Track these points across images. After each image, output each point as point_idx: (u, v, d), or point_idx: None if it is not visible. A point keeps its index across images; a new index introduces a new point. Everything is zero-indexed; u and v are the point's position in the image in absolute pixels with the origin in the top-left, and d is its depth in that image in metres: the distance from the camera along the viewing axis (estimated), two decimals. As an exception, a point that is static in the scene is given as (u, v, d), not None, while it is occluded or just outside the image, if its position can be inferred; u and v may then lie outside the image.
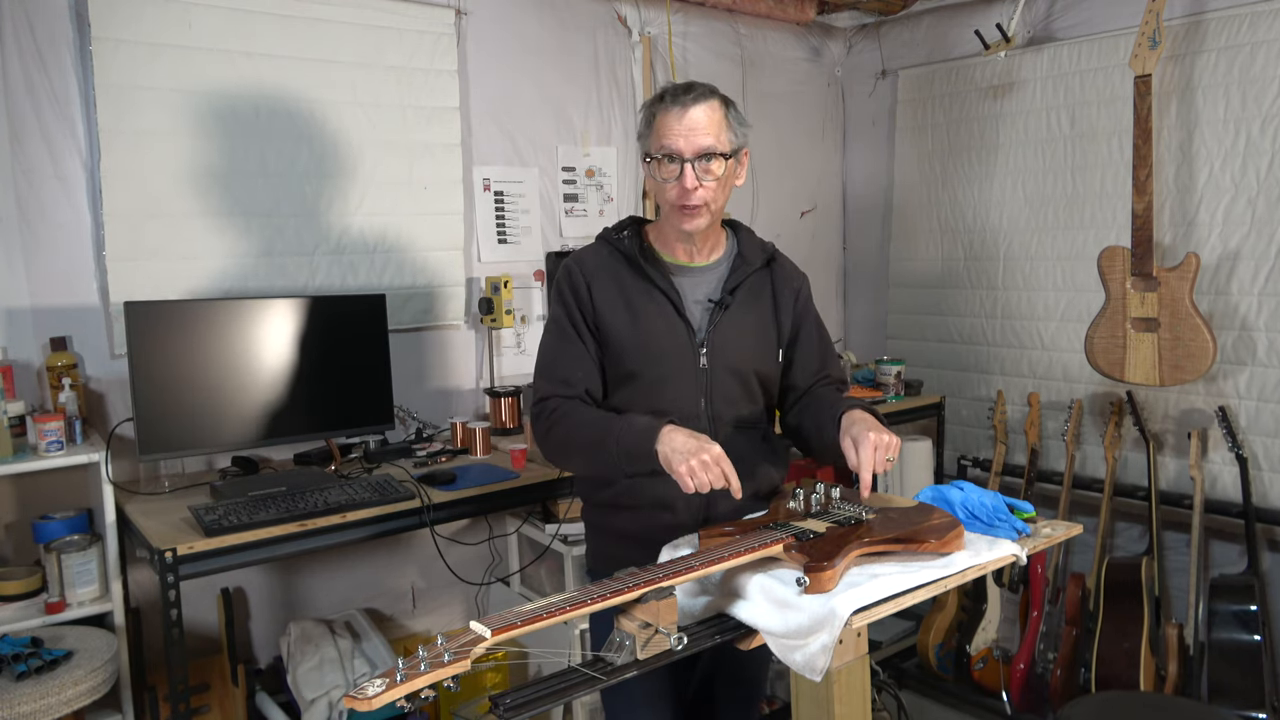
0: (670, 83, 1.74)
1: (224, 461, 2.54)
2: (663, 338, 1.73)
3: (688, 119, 1.64)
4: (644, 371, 1.73)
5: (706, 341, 1.74)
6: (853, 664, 1.43)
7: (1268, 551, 2.90)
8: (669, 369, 1.73)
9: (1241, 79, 2.85)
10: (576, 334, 1.76)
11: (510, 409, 2.88)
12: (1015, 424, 3.48)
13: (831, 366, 1.91)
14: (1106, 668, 2.87)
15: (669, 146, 1.65)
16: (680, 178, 1.65)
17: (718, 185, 1.67)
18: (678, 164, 1.65)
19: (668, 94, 1.68)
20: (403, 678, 1.01)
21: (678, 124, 1.64)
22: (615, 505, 1.78)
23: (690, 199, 1.66)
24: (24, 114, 2.29)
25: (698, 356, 1.74)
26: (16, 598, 2.14)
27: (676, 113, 1.65)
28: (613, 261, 1.78)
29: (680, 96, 1.66)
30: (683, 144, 1.64)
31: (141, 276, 2.43)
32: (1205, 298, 2.94)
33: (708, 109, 1.66)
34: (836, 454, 1.69)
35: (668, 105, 1.66)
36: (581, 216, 3.28)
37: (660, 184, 1.69)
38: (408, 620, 2.97)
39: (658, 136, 1.67)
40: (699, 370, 1.74)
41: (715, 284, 1.79)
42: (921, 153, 3.78)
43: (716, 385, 1.75)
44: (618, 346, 1.74)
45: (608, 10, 3.31)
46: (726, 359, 1.75)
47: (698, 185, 1.65)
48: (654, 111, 1.69)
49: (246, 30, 2.55)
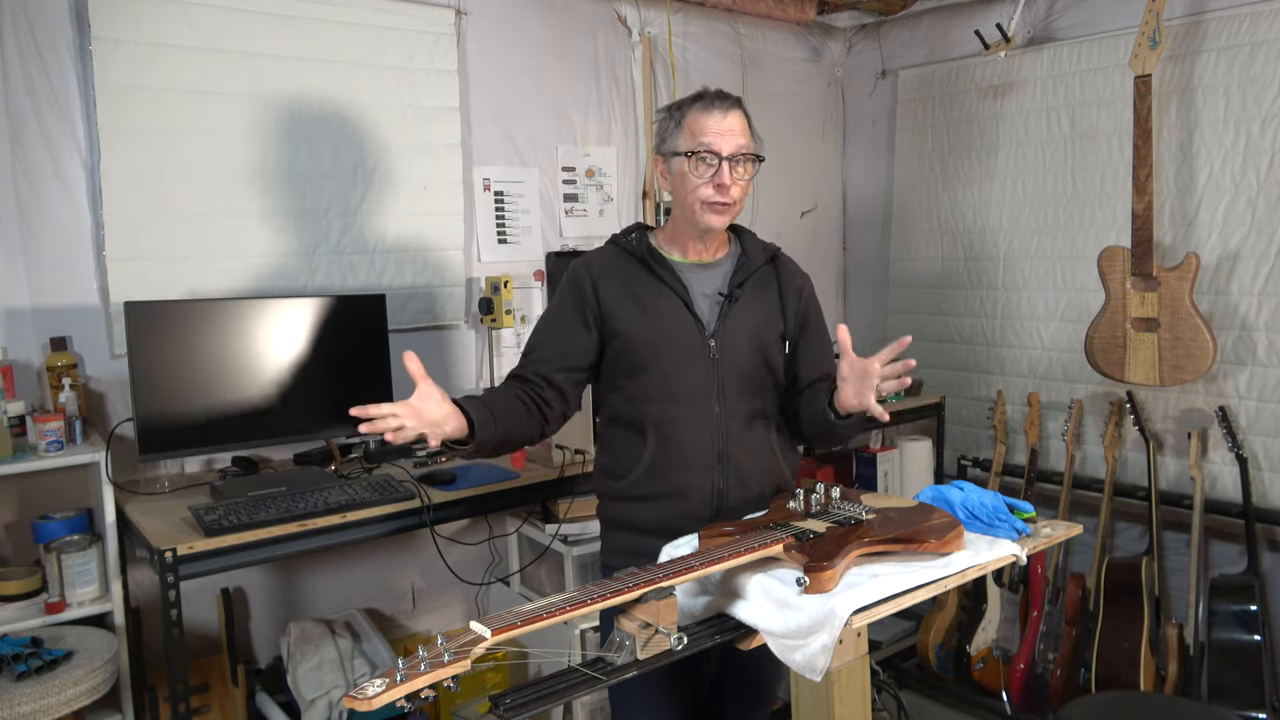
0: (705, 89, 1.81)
1: (224, 461, 2.54)
2: (672, 330, 1.78)
3: (728, 121, 1.74)
4: (655, 363, 1.78)
5: (716, 334, 1.79)
6: (853, 664, 1.43)
7: (1268, 551, 2.90)
8: (680, 361, 1.78)
9: (1241, 79, 2.85)
10: (561, 319, 1.83)
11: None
12: (1015, 424, 3.48)
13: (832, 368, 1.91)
14: (1106, 668, 2.87)
15: (709, 144, 1.72)
16: (717, 174, 1.73)
17: (746, 186, 1.78)
18: (715, 162, 1.73)
19: (705, 97, 1.77)
20: (403, 678, 1.01)
21: (719, 125, 1.73)
22: (630, 497, 1.81)
23: (726, 195, 1.73)
24: (24, 114, 2.29)
25: (708, 348, 1.78)
26: (16, 598, 2.14)
27: (718, 115, 1.74)
28: (621, 261, 1.84)
29: (720, 100, 1.76)
30: (722, 143, 1.72)
31: (142, 276, 2.43)
32: (1205, 298, 2.94)
33: (741, 117, 1.77)
34: (825, 423, 1.73)
35: (706, 107, 1.75)
36: (581, 216, 3.28)
37: (692, 182, 1.75)
38: (408, 620, 2.97)
39: (693, 135, 1.74)
40: (710, 361, 1.78)
41: (722, 279, 1.85)
42: (921, 153, 3.78)
43: (727, 376, 1.79)
44: (627, 339, 1.78)
45: (608, 10, 3.31)
46: (736, 350, 1.80)
47: (733, 182, 1.73)
48: (685, 113, 1.77)
49: (246, 30, 2.55)
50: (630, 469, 1.81)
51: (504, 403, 1.73)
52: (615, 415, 1.85)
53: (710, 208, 1.75)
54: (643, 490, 1.80)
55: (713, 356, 1.79)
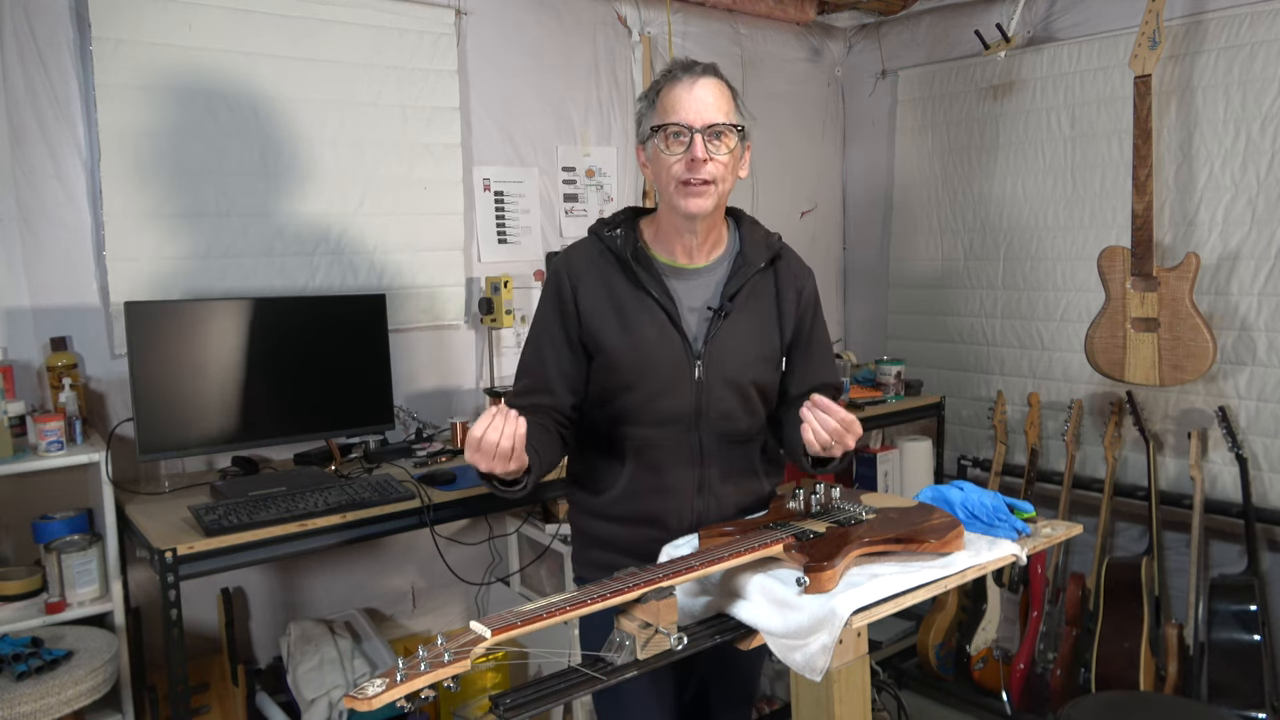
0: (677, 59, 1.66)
1: (224, 461, 2.54)
2: (655, 350, 1.64)
3: (698, 90, 1.57)
4: (637, 385, 1.65)
5: (704, 353, 1.65)
6: (853, 664, 1.43)
7: (1268, 551, 2.90)
8: (663, 383, 1.64)
9: (1241, 79, 2.85)
10: (549, 340, 1.69)
11: (510, 409, 2.87)
12: (1015, 424, 3.48)
13: (829, 374, 1.82)
14: (1106, 668, 2.87)
15: (678, 119, 1.56)
16: (689, 149, 1.56)
17: (727, 163, 1.60)
18: (686, 137, 1.56)
19: (674, 68, 1.61)
20: (403, 678, 1.01)
21: (687, 95, 1.57)
22: (607, 516, 1.73)
23: (699, 171, 1.56)
24: (24, 114, 2.29)
25: (693, 369, 1.65)
26: (16, 598, 2.13)
27: (686, 84, 1.57)
28: (603, 262, 1.68)
29: (690, 69, 1.59)
30: (693, 116, 1.56)
31: (142, 276, 2.43)
32: (1205, 298, 2.94)
33: (717, 85, 1.60)
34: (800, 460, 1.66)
35: (676, 77, 1.59)
36: (581, 216, 3.28)
37: (665, 161, 1.59)
38: (408, 620, 2.97)
39: (664, 112, 1.59)
40: (694, 384, 1.65)
41: (714, 288, 1.69)
42: (921, 152, 3.78)
43: (711, 398, 1.66)
44: (608, 358, 1.65)
45: (608, 10, 3.31)
46: (724, 371, 1.66)
47: (708, 158, 1.56)
48: (658, 87, 1.61)
49: (247, 30, 2.55)
50: (607, 487, 1.71)
51: (540, 435, 1.60)
52: (593, 427, 1.73)
53: (686, 188, 1.57)
54: (618, 512, 1.70)
55: (698, 379, 1.64)
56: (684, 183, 1.58)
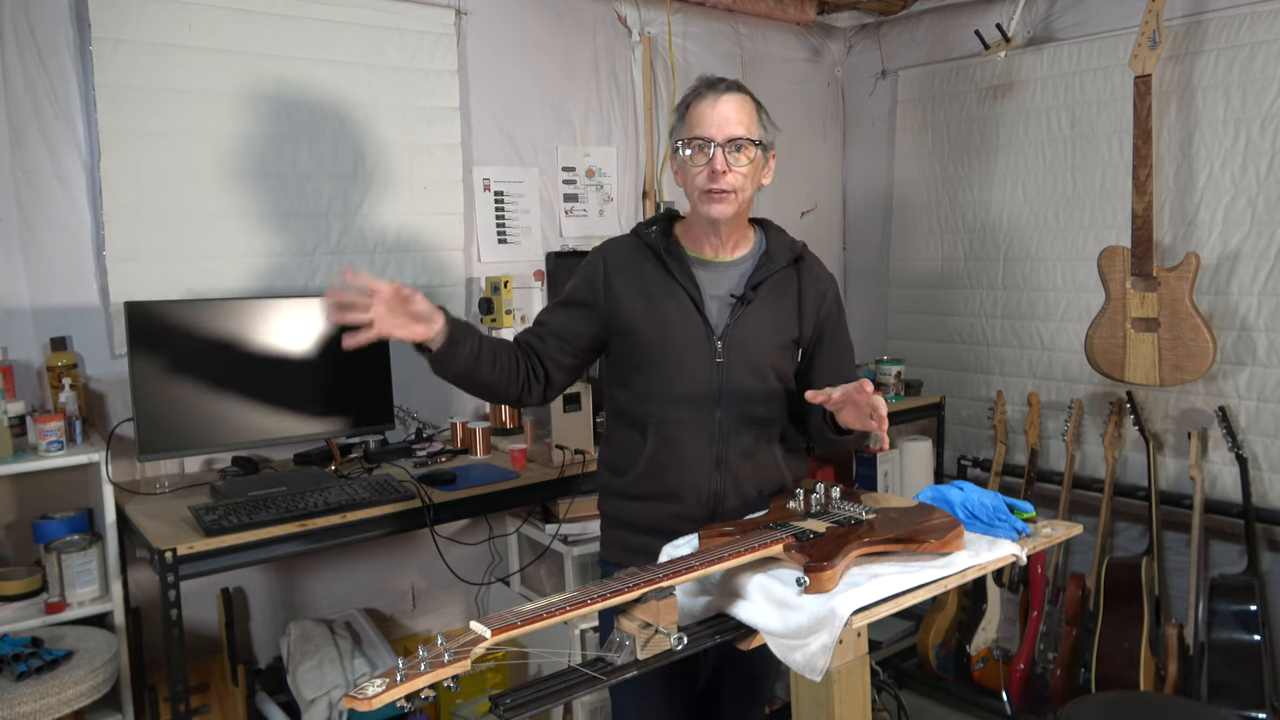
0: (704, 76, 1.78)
1: (224, 461, 2.54)
2: (678, 330, 1.76)
3: (720, 106, 1.70)
4: (659, 362, 1.77)
5: (725, 336, 1.76)
6: (853, 664, 1.43)
7: (1268, 551, 2.90)
8: (684, 362, 1.76)
9: (1241, 79, 2.85)
10: (563, 304, 1.85)
11: (510, 409, 2.88)
12: (1015, 424, 3.48)
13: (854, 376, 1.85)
14: (1106, 668, 2.87)
15: (701, 132, 1.70)
16: (710, 161, 1.70)
17: (746, 173, 1.73)
18: (708, 149, 1.70)
19: (700, 85, 1.74)
20: (403, 678, 1.01)
21: (710, 111, 1.70)
22: (629, 495, 1.82)
23: (718, 182, 1.70)
24: (24, 114, 2.29)
25: (714, 351, 1.76)
26: (16, 598, 2.14)
27: (710, 100, 1.71)
28: (637, 254, 1.82)
29: (714, 85, 1.73)
30: (714, 130, 1.69)
31: (141, 276, 2.43)
32: (1205, 298, 2.94)
33: (740, 100, 1.73)
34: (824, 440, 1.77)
35: (701, 94, 1.73)
36: (581, 216, 3.28)
37: (690, 171, 1.73)
38: (408, 620, 2.97)
39: (690, 125, 1.73)
40: (714, 365, 1.76)
41: (738, 279, 1.81)
42: (921, 153, 3.78)
43: (732, 381, 1.77)
44: (632, 336, 1.78)
45: (608, 10, 3.31)
46: (744, 355, 1.77)
47: (727, 169, 1.70)
48: (687, 102, 1.75)
49: (247, 30, 2.55)
50: (630, 467, 1.81)
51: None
52: (619, 410, 1.86)
53: (708, 196, 1.72)
54: (640, 489, 1.80)
55: (718, 360, 1.76)
56: (706, 191, 1.72)
